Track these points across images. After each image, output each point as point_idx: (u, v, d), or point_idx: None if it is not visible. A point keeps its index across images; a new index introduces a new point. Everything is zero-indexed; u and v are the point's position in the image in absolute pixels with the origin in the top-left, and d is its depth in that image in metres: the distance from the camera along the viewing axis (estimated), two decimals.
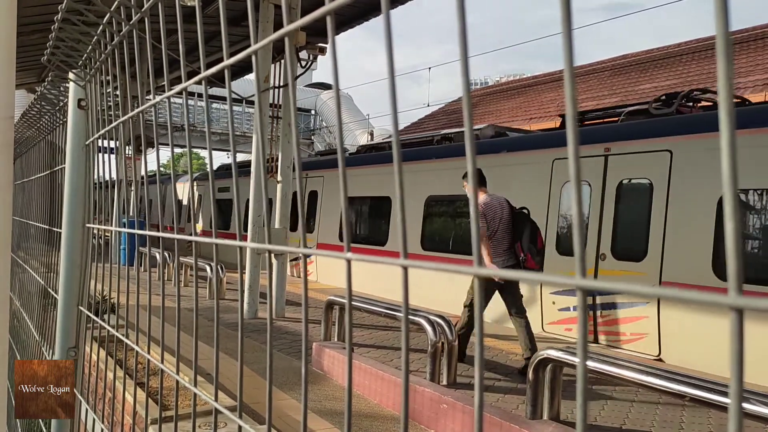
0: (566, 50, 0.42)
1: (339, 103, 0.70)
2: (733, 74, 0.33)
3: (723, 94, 0.32)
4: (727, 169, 0.32)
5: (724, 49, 0.32)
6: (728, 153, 0.32)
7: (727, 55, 0.32)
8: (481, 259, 0.51)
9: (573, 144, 0.42)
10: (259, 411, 4.71)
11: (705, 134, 6.72)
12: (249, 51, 0.77)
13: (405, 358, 0.61)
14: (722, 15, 0.32)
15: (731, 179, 0.32)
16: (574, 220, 0.43)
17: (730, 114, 0.32)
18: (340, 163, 0.67)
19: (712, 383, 3.59)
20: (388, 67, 0.59)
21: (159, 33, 1.07)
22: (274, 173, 9.82)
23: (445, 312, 6.80)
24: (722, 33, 0.32)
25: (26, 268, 3.47)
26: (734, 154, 0.32)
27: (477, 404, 0.51)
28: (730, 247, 0.33)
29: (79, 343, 2.00)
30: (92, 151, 1.92)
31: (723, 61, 0.32)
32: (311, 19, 0.63)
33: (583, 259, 0.41)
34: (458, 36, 0.52)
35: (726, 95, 0.32)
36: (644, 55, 20.30)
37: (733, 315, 0.33)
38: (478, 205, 0.54)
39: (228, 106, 0.87)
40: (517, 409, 4.83)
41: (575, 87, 0.42)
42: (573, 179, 0.43)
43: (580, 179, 0.42)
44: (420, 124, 26.56)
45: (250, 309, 8.86)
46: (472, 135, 0.52)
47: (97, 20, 1.40)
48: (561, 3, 0.45)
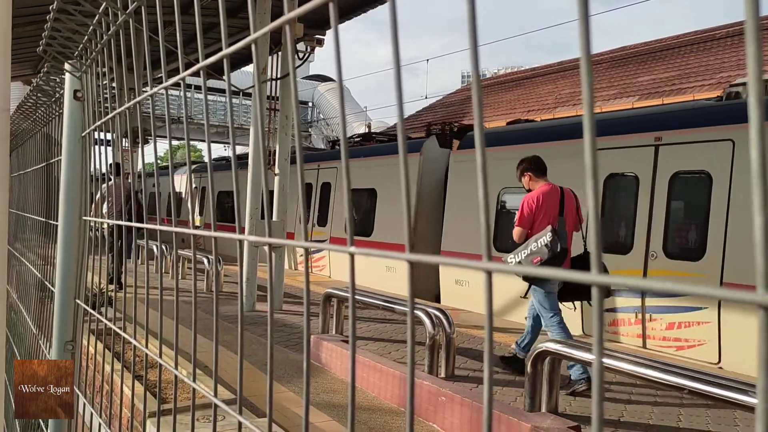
0: (583, 39, 0.41)
1: (342, 93, 0.69)
2: (762, 61, 0.31)
3: (753, 82, 0.30)
4: (757, 157, 0.30)
5: (754, 35, 0.30)
6: (757, 143, 0.31)
7: (756, 41, 0.31)
8: (490, 254, 0.50)
9: (589, 134, 0.40)
10: (257, 404, 4.70)
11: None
12: (249, 40, 0.76)
13: (410, 352, 0.60)
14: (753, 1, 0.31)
15: (761, 168, 0.30)
16: (591, 215, 0.41)
17: (760, 101, 0.30)
18: (343, 156, 0.65)
19: (710, 375, 3.59)
20: (394, 57, 0.58)
21: (156, 24, 1.05)
22: (272, 166, 9.80)
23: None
24: (752, 18, 0.30)
25: (23, 261, 3.45)
26: (764, 143, 0.30)
27: (486, 400, 0.50)
28: (760, 241, 0.31)
29: (76, 337, 1.98)
30: (89, 143, 1.90)
31: (753, 46, 0.31)
32: (313, 5, 0.62)
33: (599, 255, 0.40)
34: (468, 26, 0.50)
35: (755, 82, 0.31)
36: (642, 47, 20.26)
37: (762, 314, 0.31)
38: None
39: (227, 96, 0.85)
40: (516, 402, 4.84)
41: (592, 74, 0.40)
42: (588, 171, 0.41)
43: (597, 171, 0.40)
44: (417, 117, 26.51)
45: (248, 302, 8.86)
46: (482, 126, 0.50)
47: (94, 10, 1.38)
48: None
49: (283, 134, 9.57)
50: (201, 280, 10.87)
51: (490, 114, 16.94)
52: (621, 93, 15.65)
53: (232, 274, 12.01)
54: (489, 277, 0.50)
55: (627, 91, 16.01)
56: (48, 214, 2.49)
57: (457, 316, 7.80)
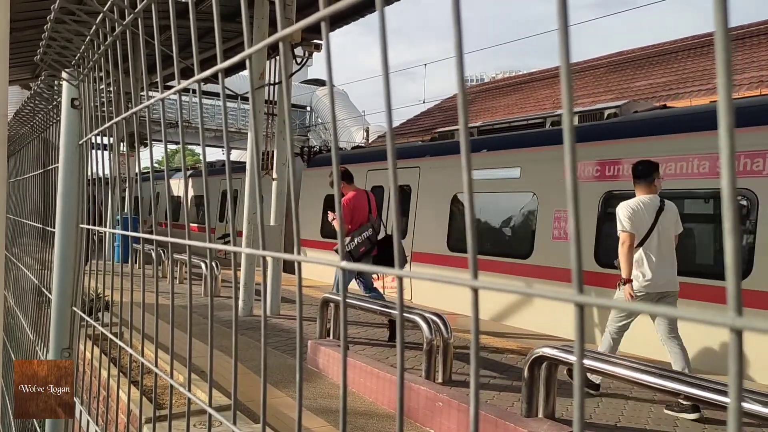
0: (562, 45, 0.42)
1: (333, 99, 0.70)
2: (731, 71, 0.32)
3: (722, 93, 0.32)
4: (727, 174, 0.31)
5: (724, 46, 0.31)
6: (727, 156, 0.31)
7: (726, 52, 0.32)
8: (476, 272, 0.51)
9: (569, 140, 0.41)
10: (254, 409, 4.70)
11: None
12: (243, 55, 0.77)
13: (400, 357, 0.61)
14: (722, 11, 0.32)
15: (730, 187, 0.31)
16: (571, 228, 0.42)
17: (729, 112, 0.31)
18: (334, 161, 0.66)
19: (706, 381, 3.60)
20: (383, 66, 0.59)
21: (152, 30, 1.06)
22: (269, 170, 9.80)
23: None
24: (722, 31, 0.32)
25: (20, 266, 3.45)
26: (733, 157, 0.31)
27: (473, 403, 0.51)
28: (730, 264, 0.32)
29: (73, 344, 1.99)
30: (86, 151, 1.91)
31: (722, 58, 0.32)
32: (305, 24, 0.63)
33: (579, 273, 0.41)
34: (453, 31, 0.52)
35: (725, 94, 0.32)
36: (640, 52, 20.32)
37: (733, 336, 0.32)
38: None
39: (222, 109, 0.86)
40: (513, 407, 4.84)
41: (572, 84, 0.41)
42: (569, 179, 0.42)
43: (576, 179, 0.41)
44: (415, 121, 26.54)
45: (246, 306, 8.84)
46: (467, 132, 0.51)
47: (90, 20, 1.39)
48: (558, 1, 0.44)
49: (281, 139, 9.58)
50: (198, 284, 10.85)
51: (488, 118, 16.94)
52: (618, 97, 15.68)
53: (229, 278, 11.99)
54: (475, 295, 0.51)
55: (624, 96, 16.05)
56: (45, 221, 2.50)
57: (454, 320, 7.79)
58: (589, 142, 7.98)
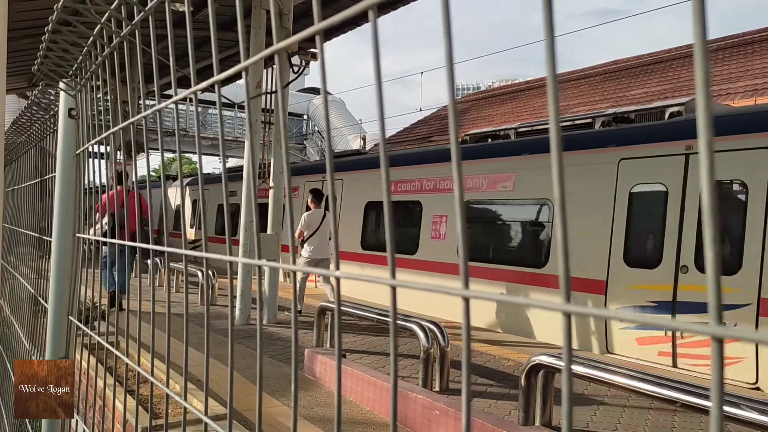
0: (549, 53, 0.43)
1: (327, 110, 0.71)
2: (709, 81, 0.33)
3: (701, 101, 0.33)
4: (707, 183, 0.32)
5: (702, 56, 0.32)
6: (707, 165, 0.32)
7: (704, 62, 0.33)
8: (467, 282, 0.52)
9: (556, 148, 0.42)
10: (250, 418, 4.69)
11: None
12: (239, 67, 0.77)
13: (393, 365, 0.61)
14: (700, 23, 0.33)
15: (710, 197, 0.32)
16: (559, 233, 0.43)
17: (709, 122, 0.32)
18: (326, 167, 0.67)
19: (703, 389, 3.60)
20: (375, 76, 0.60)
21: (149, 39, 1.07)
22: (266, 179, 9.80)
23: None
24: (700, 42, 0.33)
25: (16, 275, 3.45)
26: (713, 166, 0.32)
27: (465, 410, 0.52)
28: (711, 275, 0.33)
29: (69, 353, 1.99)
30: (83, 160, 1.92)
31: (701, 68, 0.33)
32: (300, 38, 0.64)
33: (567, 283, 0.42)
34: (444, 41, 0.53)
35: (704, 103, 0.33)
36: (635, 61, 20.44)
37: (714, 345, 0.32)
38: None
39: (219, 121, 0.87)
40: (510, 415, 4.83)
41: (558, 92, 0.42)
42: (556, 186, 0.43)
43: (563, 189, 0.42)
44: (412, 130, 26.60)
45: (242, 315, 8.82)
46: (458, 140, 0.52)
47: (87, 30, 1.40)
48: (543, 8, 0.45)
49: (277, 147, 9.58)
50: (195, 293, 10.83)
51: (485, 126, 16.99)
52: (614, 105, 15.75)
53: (226, 287, 11.94)
54: (467, 304, 0.52)
55: (620, 104, 16.12)
56: (42, 230, 2.50)
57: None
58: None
